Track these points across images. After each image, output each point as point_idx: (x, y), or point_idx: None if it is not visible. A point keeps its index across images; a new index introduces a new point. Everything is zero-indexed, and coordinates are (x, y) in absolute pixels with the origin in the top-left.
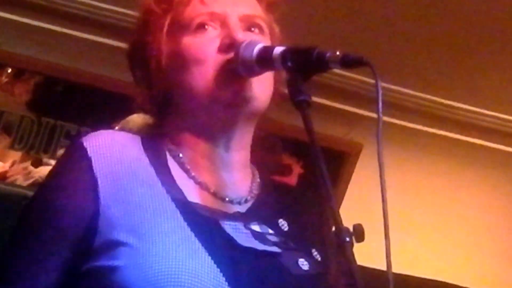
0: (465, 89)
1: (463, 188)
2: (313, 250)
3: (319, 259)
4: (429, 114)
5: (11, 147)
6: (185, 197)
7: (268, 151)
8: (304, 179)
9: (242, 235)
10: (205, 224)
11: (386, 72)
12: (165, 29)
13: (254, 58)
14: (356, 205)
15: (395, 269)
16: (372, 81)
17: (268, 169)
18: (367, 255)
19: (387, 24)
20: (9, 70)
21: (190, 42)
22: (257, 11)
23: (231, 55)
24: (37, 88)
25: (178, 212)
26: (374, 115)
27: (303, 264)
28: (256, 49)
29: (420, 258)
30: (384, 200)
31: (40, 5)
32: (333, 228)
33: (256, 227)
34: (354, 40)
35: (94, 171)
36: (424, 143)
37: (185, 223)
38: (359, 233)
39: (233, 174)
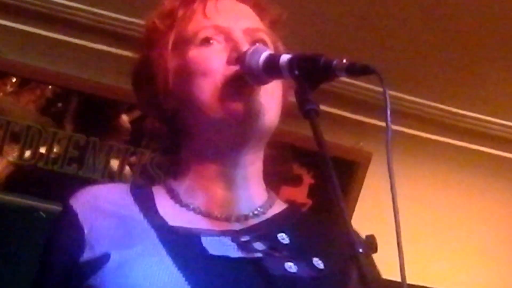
0: (474, 97)
1: (473, 196)
2: (315, 259)
3: (321, 267)
4: (438, 123)
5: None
6: (166, 223)
7: (278, 161)
8: (315, 189)
9: (219, 245)
10: (181, 241)
11: (394, 80)
12: (170, 46)
13: (260, 66)
14: (367, 215)
15: (409, 280)
16: (381, 89)
17: (279, 179)
18: (380, 266)
19: (395, 32)
20: (14, 80)
21: (196, 55)
22: (260, 25)
23: (238, 67)
24: (46, 98)
25: (155, 233)
26: (383, 124)
27: (291, 267)
28: (263, 57)
29: (433, 269)
30: (395, 210)
31: (44, 13)
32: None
33: (244, 238)
34: (361, 48)
35: (80, 221)
36: (433, 151)
37: (160, 243)
38: (372, 244)
39: (241, 190)
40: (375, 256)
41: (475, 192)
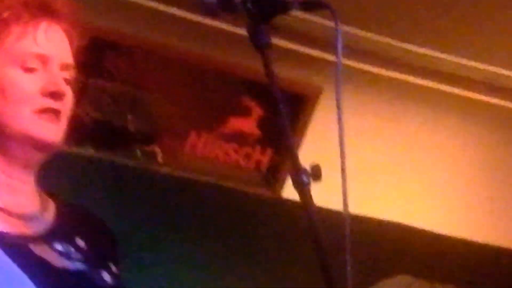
0: (424, 32)
1: (422, 132)
2: (111, 264)
3: (116, 272)
4: (389, 58)
5: None
6: None
7: (227, 92)
8: (264, 121)
9: (53, 256)
10: (16, 252)
11: (346, 15)
12: None
13: (215, 0)
14: (315, 147)
15: (353, 210)
16: (333, 24)
17: (227, 110)
18: (324, 196)
19: None
20: None
21: (15, 77)
22: (71, 59)
23: (51, 102)
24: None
25: None
26: (334, 59)
27: (106, 277)
28: None
29: (379, 200)
30: (341, 142)
31: None
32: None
33: (59, 247)
34: None
35: None
36: (383, 87)
37: None
38: (316, 172)
39: (26, 191)
40: (320, 186)
41: (425, 128)
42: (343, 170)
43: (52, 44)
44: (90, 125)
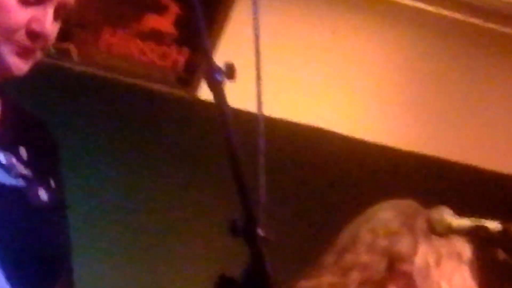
0: None
1: (343, 37)
2: (50, 179)
3: (54, 187)
4: None
5: None
6: None
7: None
8: (181, 20)
9: None
10: None
11: None
12: None
13: None
14: (231, 48)
15: (268, 112)
16: None
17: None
18: (239, 97)
19: None
20: None
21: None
22: None
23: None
24: None
25: None
26: None
27: (43, 195)
28: None
29: (294, 103)
30: (257, 42)
31: None
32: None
33: (1, 157)
34: None
35: None
36: None
37: None
38: (230, 71)
39: None
40: (235, 86)
41: (345, 32)
42: (257, 70)
43: None
44: None
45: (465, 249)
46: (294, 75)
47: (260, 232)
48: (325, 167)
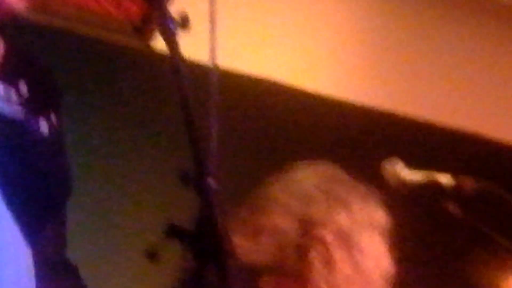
0: None
1: None
2: (51, 114)
3: (55, 123)
4: None
5: None
6: None
7: None
8: None
9: None
10: None
11: None
12: None
13: None
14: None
15: (222, 63)
16: None
17: None
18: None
19: None
20: None
21: None
22: None
23: None
24: None
25: None
26: None
27: (44, 128)
28: None
29: (250, 55)
30: None
31: None
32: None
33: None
34: None
35: None
36: None
37: None
38: (184, 21)
39: None
40: (188, 37)
41: None
42: (212, 21)
43: None
44: None
45: (380, 216)
46: (250, 26)
47: (211, 182)
48: (277, 120)
